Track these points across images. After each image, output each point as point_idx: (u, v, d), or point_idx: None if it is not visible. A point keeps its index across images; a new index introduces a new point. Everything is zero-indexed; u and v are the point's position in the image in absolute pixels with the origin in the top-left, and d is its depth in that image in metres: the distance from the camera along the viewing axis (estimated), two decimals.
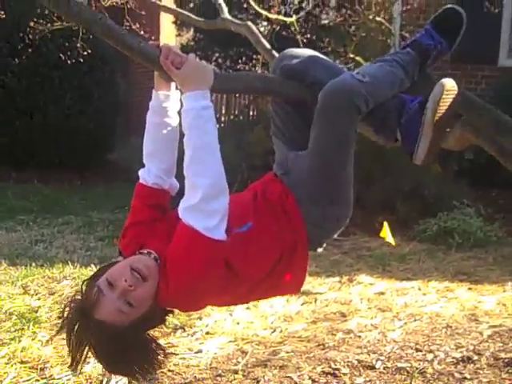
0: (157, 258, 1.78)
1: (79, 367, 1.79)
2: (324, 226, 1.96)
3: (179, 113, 1.91)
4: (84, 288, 1.79)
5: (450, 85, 1.95)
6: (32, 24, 5.79)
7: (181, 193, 1.85)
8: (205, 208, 1.70)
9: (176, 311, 1.93)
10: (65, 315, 1.78)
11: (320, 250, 2.04)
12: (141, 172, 1.97)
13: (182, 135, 1.97)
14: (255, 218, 1.86)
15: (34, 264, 4.81)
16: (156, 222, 1.89)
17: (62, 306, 1.81)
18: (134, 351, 1.75)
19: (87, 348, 1.75)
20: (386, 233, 2.70)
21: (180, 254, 1.71)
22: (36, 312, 3.86)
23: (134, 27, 5.27)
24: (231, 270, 1.78)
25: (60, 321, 1.80)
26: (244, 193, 2.01)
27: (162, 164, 1.95)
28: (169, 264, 1.72)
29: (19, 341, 3.43)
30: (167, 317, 1.88)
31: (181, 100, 1.85)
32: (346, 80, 1.90)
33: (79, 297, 1.79)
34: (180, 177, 1.96)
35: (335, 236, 2.03)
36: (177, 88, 1.95)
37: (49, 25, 5.52)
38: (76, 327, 1.74)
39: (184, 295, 1.75)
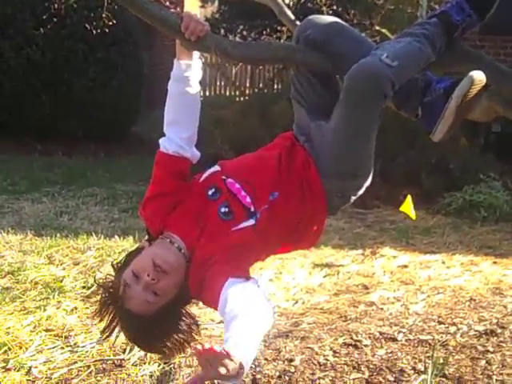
0: (181, 247, 1.82)
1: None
2: (343, 195, 1.99)
3: (200, 82, 1.95)
4: (115, 275, 1.87)
5: (478, 78, 1.92)
6: None
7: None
8: None
9: None
10: (100, 301, 1.88)
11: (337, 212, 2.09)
12: (161, 141, 1.96)
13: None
14: (280, 186, 1.88)
15: (59, 235, 4.86)
16: (177, 193, 1.89)
17: (100, 291, 1.90)
18: (166, 331, 1.83)
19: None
20: (409, 206, 2.66)
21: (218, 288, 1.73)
22: (61, 282, 3.91)
23: None
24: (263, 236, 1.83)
25: (97, 306, 1.89)
26: (269, 152, 2.00)
27: (184, 133, 1.94)
28: (210, 281, 1.76)
29: (44, 309, 3.48)
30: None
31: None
32: (374, 65, 1.86)
33: (110, 284, 1.87)
34: (199, 146, 1.97)
35: (352, 201, 2.05)
36: (198, 57, 1.96)
37: None
38: (110, 311, 1.85)
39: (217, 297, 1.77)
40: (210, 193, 1.87)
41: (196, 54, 1.95)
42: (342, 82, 1.93)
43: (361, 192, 2.01)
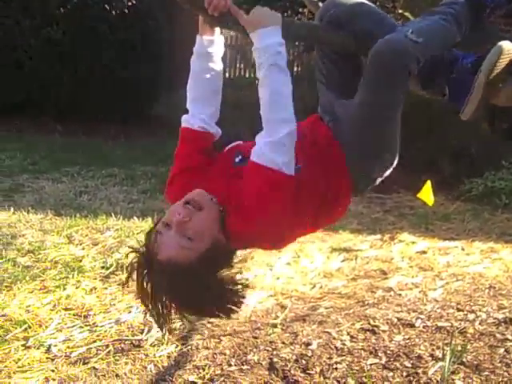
0: (212, 197, 1.77)
1: (167, 324, 1.77)
2: (369, 175, 1.97)
3: (223, 59, 1.95)
4: (145, 241, 1.77)
5: (507, 48, 1.88)
6: None
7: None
8: (287, 143, 1.73)
9: None
10: (131, 271, 1.75)
11: (365, 192, 2.07)
12: (184, 117, 1.96)
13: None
14: (303, 161, 1.85)
15: (78, 215, 4.89)
16: (203, 167, 1.89)
17: (129, 260, 1.77)
18: (205, 289, 1.71)
19: (164, 297, 1.72)
20: (428, 192, 2.63)
21: (263, 193, 1.70)
22: (80, 261, 3.94)
23: None
24: (296, 204, 1.78)
25: (130, 279, 1.77)
26: None
27: (208, 109, 1.95)
28: (249, 199, 1.70)
29: (64, 288, 3.52)
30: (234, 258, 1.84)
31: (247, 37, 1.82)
32: (399, 40, 1.84)
33: (141, 248, 1.77)
34: (221, 122, 1.95)
35: (379, 182, 2.03)
36: (221, 32, 1.94)
37: None
38: (147, 277, 1.72)
39: (262, 230, 1.74)
40: (236, 160, 1.86)
41: (218, 29, 1.94)
42: (366, 61, 1.91)
43: (387, 173, 1.99)
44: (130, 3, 5.88)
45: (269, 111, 1.74)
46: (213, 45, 1.93)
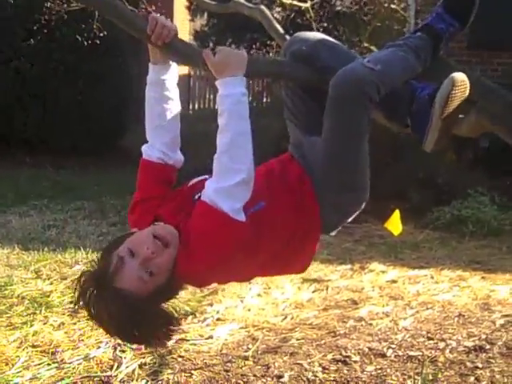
0: (177, 234, 1.76)
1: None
2: (340, 210, 1.96)
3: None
4: (100, 259, 1.76)
5: (459, 79, 1.90)
6: (48, 5, 5.80)
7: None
8: (237, 191, 1.72)
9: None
10: (81, 286, 1.74)
11: (333, 232, 2.04)
12: (144, 147, 1.95)
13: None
14: (268, 198, 1.85)
15: (46, 249, 4.83)
16: (164, 196, 1.89)
17: (76, 280, 1.76)
18: (149, 321, 1.73)
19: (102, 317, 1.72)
20: (396, 221, 2.66)
21: (208, 234, 1.71)
22: (48, 296, 3.88)
23: (149, 9, 5.27)
24: (247, 249, 1.77)
25: (76, 294, 1.75)
26: (258, 169, 1.95)
27: (165, 138, 1.93)
28: (194, 240, 1.71)
29: (31, 325, 3.45)
30: (180, 290, 1.86)
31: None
32: (356, 69, 1.86)
33: (94, 268, 1.75)
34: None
35: (351, 219, 2.02)
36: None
37: (65, 5, 5.53)
38: (94, 297, 1.71)
39: (203, 271, 1.75)
40: (196, 197, 1.84)
41: None
42: None
43: (360, 207, 1.98)
44: (101, 34, 5.89)
45: (222, 158, 1.74)
46: (166, 72, 1.92)
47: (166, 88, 1.92)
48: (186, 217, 1.77)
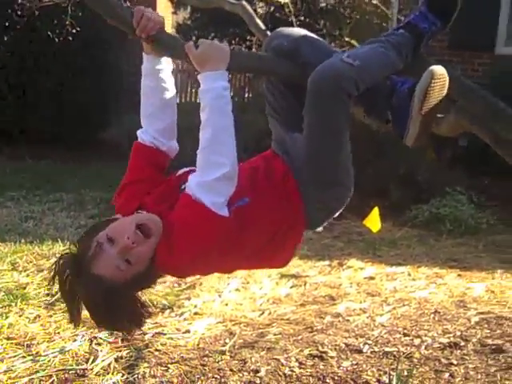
0: (161, 225, 1.77)
1: (76, 322, 1.79)
2: (324, 207, 1.97)
3: (173, 73, 1.97)
4: (80, 242, 1.77)
5: (438, 72, 1.90)
6: (20, 1, 5.73)
7: (181, 157, 1.84)
8: (219, 186, 1.73)
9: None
10: (57, 269, 1.75)
11: (320, 228, 2.05)
12: (138, 132, 1.97)
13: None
14: (253, 194, 1.86)
15: (23, 240, 4.78)
16: (153, 182, 1.90)
17: (55, 261, 1.77)
18: (124, 307, 1.75)
19: (78, 301, 1.74)
20: (375, 217, 2.67)
21: (189, 227, 1.72)
22: (24, 289, 3.84)
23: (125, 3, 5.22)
24: (229, 244, 1.79)
25: (51, 275, 1.76)
26: (242, 165, 1.98)
27: (159, 125, 1.95)
28: (176, 233, 1.73)
29: (6, 317, 3.42)
30: (157, 279, 1.88)
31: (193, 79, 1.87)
32: (335, 64, 1.86)
33: (72, 251, 1.77)
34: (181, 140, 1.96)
35: (337, 214, 2.02)
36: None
37: (37, 1, 5.47)
38: (70, 280, 1.73)
39: (184, 263, 1.76)
40: (182, 187, 1.85)
41: None
42: None
43: (344, 204, 1.99)
44: (74, 30, 5.80)
45: (205, 152, 1.75)
46: (160, 62, 1.93)
47: (160, 78, 1.94)
48: (170, 208, 1.79)
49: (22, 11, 6.02)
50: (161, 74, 1.94)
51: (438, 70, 1.91)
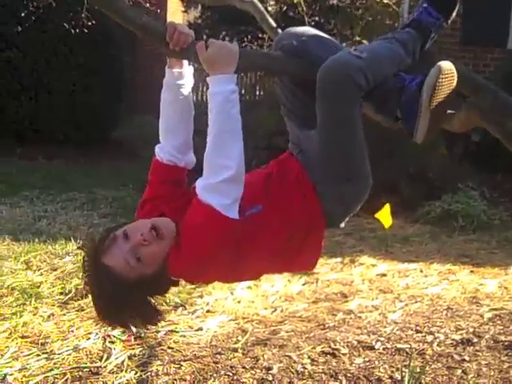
0: (176, 230, 1.81)
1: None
2: (343, 201, 1.96)
3: (193, 89, 1.99)
4: (102, 234, 1.84)
5: (446, 67, 1.90)
6: None
7: (199, 168, 1.87)
8: (225, 188, 1.75)
9: (177, 288, 1.95)
10: (82, 251, 1.85)
11: (342, 225, 2.04)
12: (157, 148, 2.00)
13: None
14: (266, 201, 1.87)
15: (36, 240, 4.82)
16: (173, 195, 1.94)
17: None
18: (128, 304, 1.79)
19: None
20: (386, 214, 2.67)
21: (195, 228, 1.75)
22: (38, 287, 3.87)
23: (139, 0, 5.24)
24: (240, 249, 1.80)
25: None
26: (258, 172, 2.01)
27: (176, 141, 1.98)
28: (183, 235, 1.76)
29: (21, 316, 3.45)
30: (170, 288, 1.91)
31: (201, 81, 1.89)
32: (343, 56, 1.88)
33: (96, 239, 1.83)
34: (198, 151, 1.97)
35: (358, 208, 2.01)
36: (189, 64, 1.97)
37: None
38: (85, 265, 1.81)
39: (193, 266, 1.78)
40: None
41: (186, 61, 1.96)
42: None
43: (364, 196, 1.98)
44: (89, 23, 5.83)
45: (210, 155, 1.76)
46: (182, 77, 1.95)
47: (180, 92, 1.96)
48: (184, 215, 1.81)
49: (37, 2, 6.03)
50: (181, 89, 1.96)
51: (446, 65, 1.90)
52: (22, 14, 7.71)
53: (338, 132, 1.88)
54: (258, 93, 11.93)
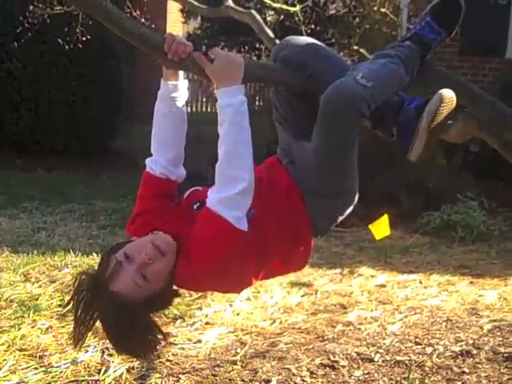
0: (175, 243, 1.81)
1: (80, 343, 1.79)
2: (329, 215, 2.00)
3: (187, 103, 1.99)
4: (100, 261, 1.81)
5: (447, 97, 1.95)
6: (31, 8, 5.79)
7: (190, 178, 1.87)
8: (239, 200, 1.76)
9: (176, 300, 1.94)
10: (76, 286, 1.78)
11: (324, 235, 2.09)
12: (148, 161, 1.99)
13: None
14: (258, 206, 1.87)
15: (35, 251, 4.81)
16: (163, 208, 1.93)
17: (74, 280, 1.80)
18: (140, 329, 1.76)
19: (92, 321, 1.76)
20: (384, 224, 2.67)
21: (208, 240, 1.75)
22: (36, 300, 3.86)
23: (134, 14, 5.26)
24: (245, 257, 1.82)
25: (71, 293, 1.79)
26: None
27: (169, 154, 1.97)
28: (195, 248, 1.76)
29: (19, 328, 3.44)
30: (174, 300, 1.89)
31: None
32: (349, 86, 1.87)
33: (92, 270, 1.80)
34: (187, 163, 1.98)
35: (340, 221, 2.05)
36: (184, 77, 1.97)
37: (48, 9, 5.52)
38: (88, 298, 1.75)
39: (203, 277, 1.79)
40: (194, 207, 1.90)
41: (182, 73, 1.96)
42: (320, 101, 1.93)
43: (349, 210, 2.01)
44: (84, 38, 5.84)
45: (225, 167, 1.77)
46: (177, 89, 1.95)
47: (174, 105, 1.96)
48: (188, 225, 1.82)
49: (32, 19, 6.07)
50: (175, 102, 1.95)
51: (447, 93, 1.95)
52: (18, 31, 7.74)
53: (334, 156, 1.91)
54: (257, 103, 11.96)
